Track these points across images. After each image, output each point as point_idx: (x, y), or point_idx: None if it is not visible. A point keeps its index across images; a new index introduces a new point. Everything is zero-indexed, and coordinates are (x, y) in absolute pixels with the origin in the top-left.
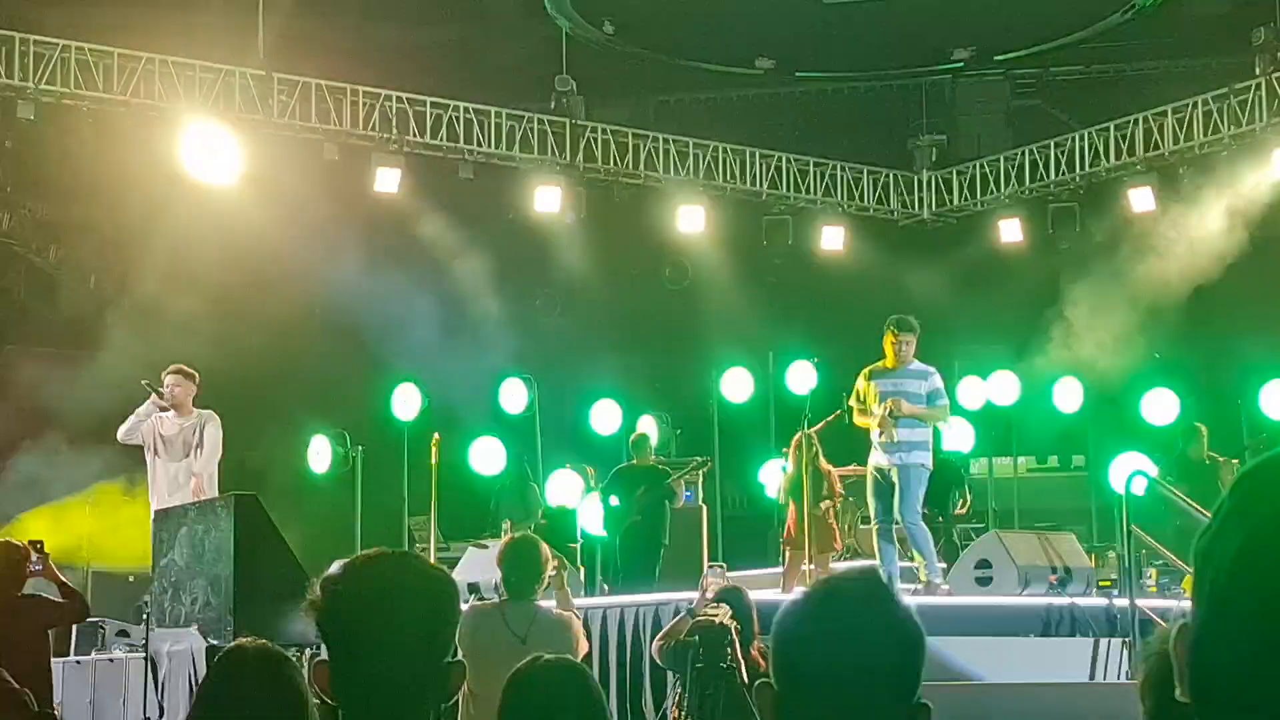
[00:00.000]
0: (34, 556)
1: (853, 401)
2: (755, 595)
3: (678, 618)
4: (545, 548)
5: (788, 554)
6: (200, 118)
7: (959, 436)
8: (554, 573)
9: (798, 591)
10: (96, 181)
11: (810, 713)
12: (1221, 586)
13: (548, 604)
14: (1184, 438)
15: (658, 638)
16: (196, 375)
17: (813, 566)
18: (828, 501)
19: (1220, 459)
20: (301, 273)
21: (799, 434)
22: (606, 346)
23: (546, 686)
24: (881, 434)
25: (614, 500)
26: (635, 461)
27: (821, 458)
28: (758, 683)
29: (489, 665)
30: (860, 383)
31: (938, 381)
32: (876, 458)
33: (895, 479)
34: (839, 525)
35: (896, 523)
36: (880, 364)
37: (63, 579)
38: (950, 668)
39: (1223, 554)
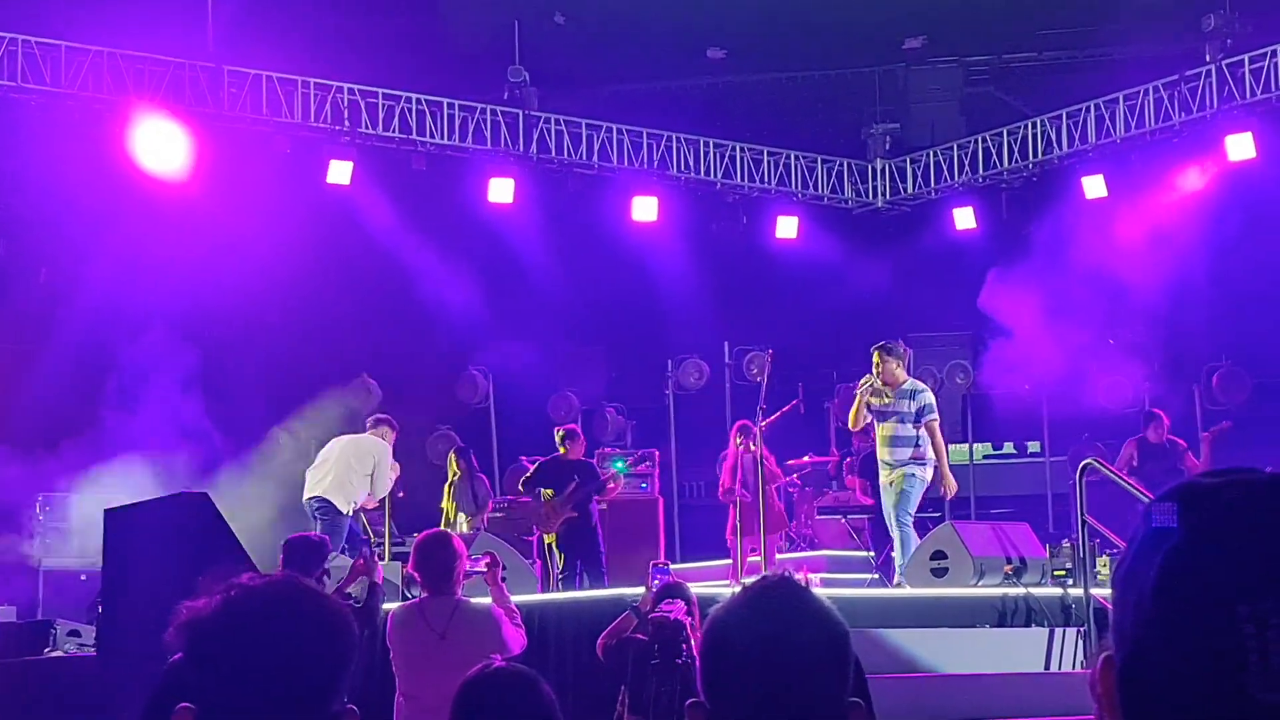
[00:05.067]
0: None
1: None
2: (711, 589)
3: (623, 615)
4: (458, 542)
5: (729, 542)
6: (150, 111)
7: None
8: (484, 569)
9: (719, 605)
10: (46, 175)
11: None
12: (1147, 610)
13: (482, 600)
14: (1144, 422)
15: (602, 636)
16: None
17: (752, 550)
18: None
19: (1181, 443)
20: (254, 266)
21: (739, 422)
22: (561, 337)
23: (497, 694)
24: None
25: (544, 494)
26: (565, 454)
27: (761, 445)
28: (689, 702)
29: (412, 664)
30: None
31: (925, 399)
32: (882, 474)
33: (895, 487)
34: (790, 514)
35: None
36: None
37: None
38: (905, 659)
39: (1143, 579)
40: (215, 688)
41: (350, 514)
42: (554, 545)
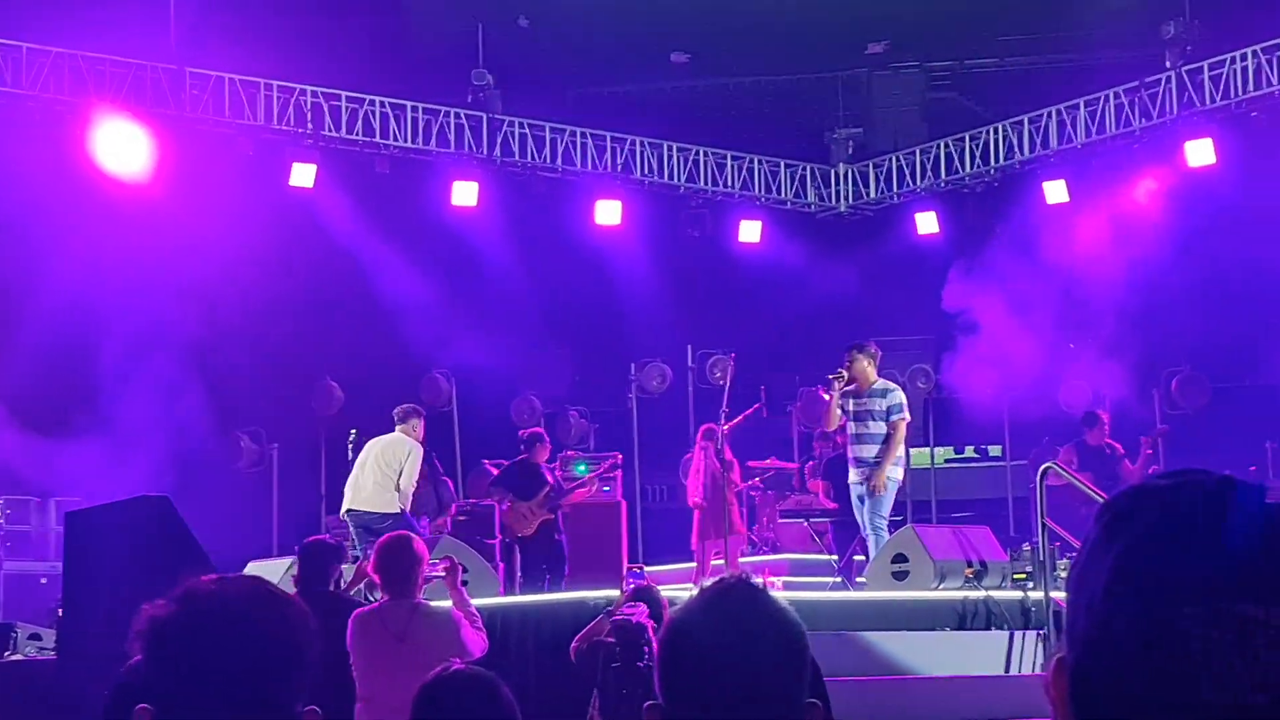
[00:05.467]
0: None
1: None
2: (674, 592)
3: (597, 618)
4: (419, 545)
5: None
6: (112, 112)
7: None
8: (442, 573)
9: (677, 607)
10: (5, 177)
11: None
12: (1098, 613)
13: (442, 604)
14: (1084, 424)
15: (575, 639)
16: None
17: (716, 554)
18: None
19: (1119, 448)
20: (216, 268)
21: (704, 426)
22: (524, 341)
23: (455, 696)
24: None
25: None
26: (531, 458)
27: (726, 449)
28: (647, 704)
29: (371, 668)
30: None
31: (895, 398)
32: (851, 473)
33: (866, 491)
34: (752, 518)
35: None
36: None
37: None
38: (866, 662)
39: (1095, 582)
40: (174, 689)
41: (404, 511)
42: (519, 546)
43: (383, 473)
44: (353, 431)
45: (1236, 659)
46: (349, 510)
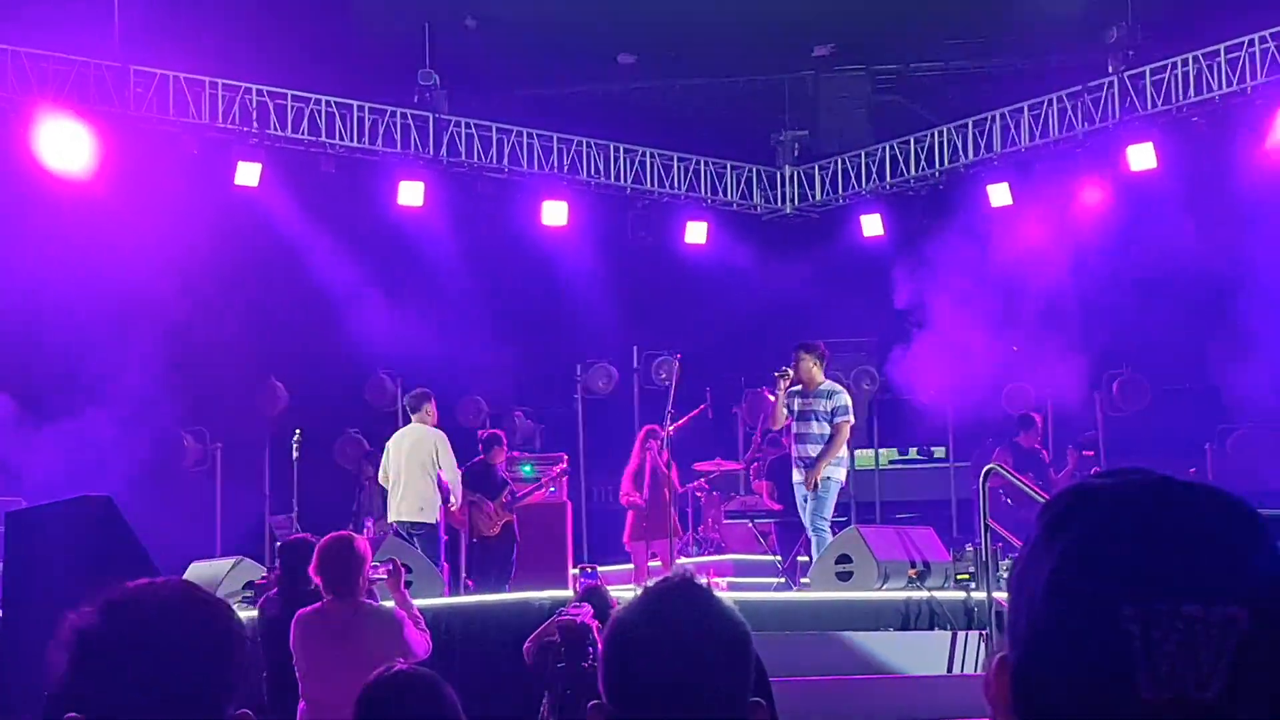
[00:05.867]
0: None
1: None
2: (618, 592)
3: (550, 619)
4: (362, 545)
5: (628, 547)
6: (54, 110)
7: None
8: (384, 575)
9: (621, 607)
10: None
11: None
12: (1039, 611)
13: (387, 604)
14: (1019, 425)
15: (529, 639)
16: None
17: (654, 555)
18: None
19: (1045, 455)
20: (160, 267)
21: (646, 427)
22: (470, 341)
23: (397, 697)
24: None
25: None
26: (488, 459)
27: (665, 451)
28: (591, 704)
29: (313, 668)
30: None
31: (840, 400)
32: (795, 473)
33: (807, 490)
34: (697, 518)
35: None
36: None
37: None
38: (810, 662)
39: (1035, 581)
40: (103, 697)
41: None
42: (480, 546)
43: (420, 476)
44: (297, 431)
45: (1177, 658)
46: (397, 520)
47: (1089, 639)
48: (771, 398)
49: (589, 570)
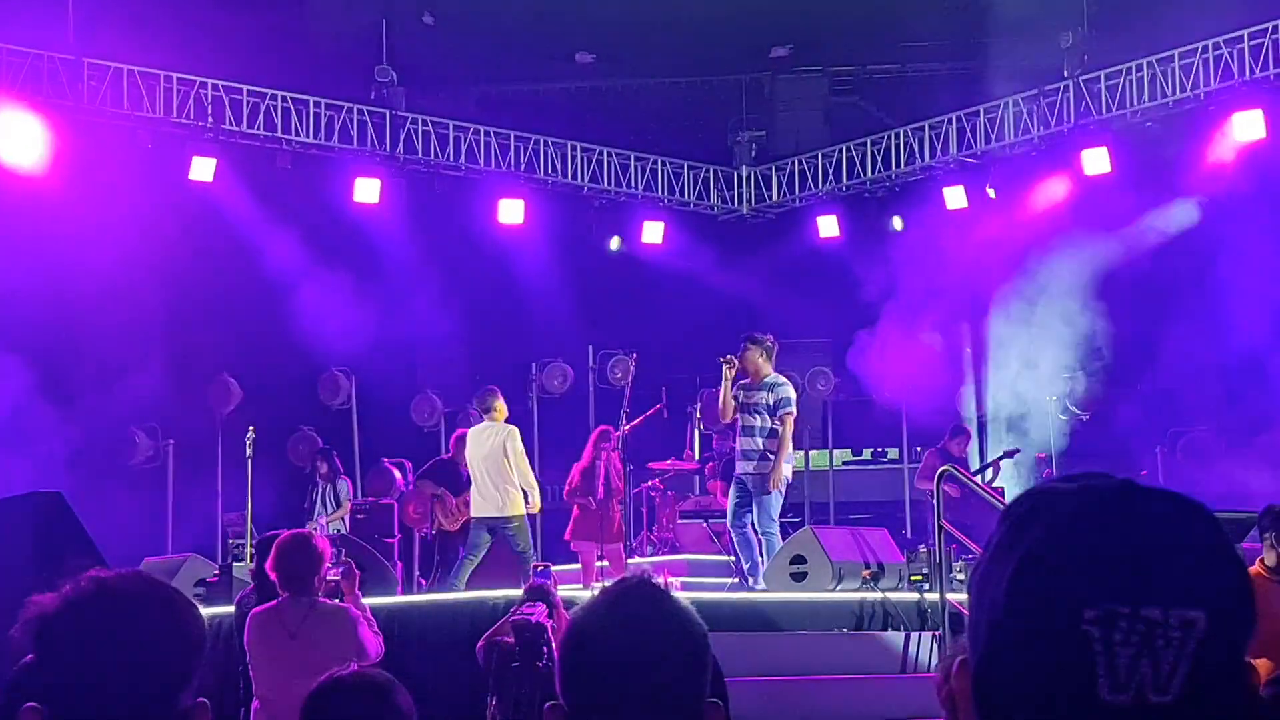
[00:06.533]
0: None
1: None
2: (568, 592)
3: (503, 619)
4: (321, 544)
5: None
6: (7, 102)
7: None
8: (338, 576)
9: (579, 607)
10: None
11: None
12: (1000, 613)
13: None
14: (950, 433)
15: (481, 639)
16: None
17: (602, 556)
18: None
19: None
20: (114, 262)
21: (600, 428)
22: (425, 339)
23: (346, 701)
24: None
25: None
26: (453, 457)
27: (616, 453)
28: (548, 705)
29: (266, 666)
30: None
31: (783, 393)
32: (737, 465)
33: (750, 486)
34: (652, 518)
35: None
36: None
37: None
38: (764, 662)
39: (996, 583)
40: (63, 686)
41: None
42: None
43: (496, 472)
44: (250, 429)
45: (1137, 660)
46: (477, 518)
47: (1049, 641)
48: (718, 390)
49: (540, 569)
